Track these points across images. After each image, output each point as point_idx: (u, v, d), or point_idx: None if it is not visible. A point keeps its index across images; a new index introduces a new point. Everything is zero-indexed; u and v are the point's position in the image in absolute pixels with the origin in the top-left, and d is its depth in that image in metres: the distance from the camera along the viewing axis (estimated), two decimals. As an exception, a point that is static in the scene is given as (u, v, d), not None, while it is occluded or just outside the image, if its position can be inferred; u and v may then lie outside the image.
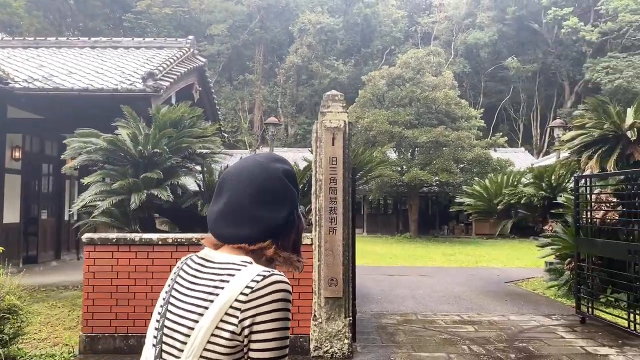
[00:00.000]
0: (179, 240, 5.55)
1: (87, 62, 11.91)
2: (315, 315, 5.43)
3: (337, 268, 5.37)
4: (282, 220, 1.19)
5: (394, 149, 23.45)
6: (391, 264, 15.04)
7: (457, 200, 11.71)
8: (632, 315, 6.16)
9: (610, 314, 7.01)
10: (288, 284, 1.13)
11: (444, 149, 21.91)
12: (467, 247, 20.55)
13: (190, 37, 13.95)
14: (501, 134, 27.18)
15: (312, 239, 5.57)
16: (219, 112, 16.14)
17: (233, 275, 1.09)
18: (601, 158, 9.16)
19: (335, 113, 5.51)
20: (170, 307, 1.14)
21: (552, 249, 9.11)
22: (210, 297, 1.09)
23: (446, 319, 7.30)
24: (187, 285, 1.15)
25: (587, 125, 9.44)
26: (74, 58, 12.20)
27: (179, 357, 1.08)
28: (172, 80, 10.89)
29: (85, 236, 5.73)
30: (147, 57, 12.35)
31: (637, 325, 6.05)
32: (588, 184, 7.22)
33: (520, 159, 25.56)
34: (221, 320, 1.06)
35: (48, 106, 10.51)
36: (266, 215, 1.17)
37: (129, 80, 10.58)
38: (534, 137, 41.11)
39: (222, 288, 1.08)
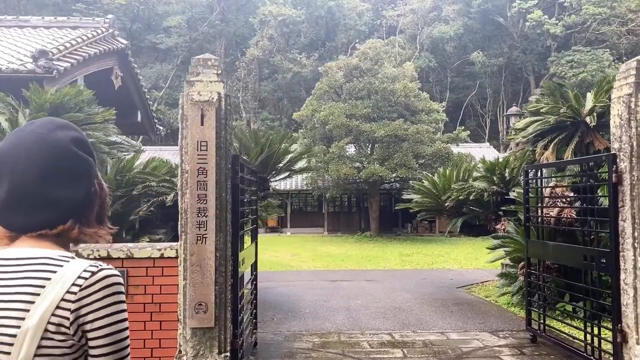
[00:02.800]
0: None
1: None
2: (180, 351, 4.10)
3: (207, 289, 4.05)
4: (82, 197, 1.10)
5: (354, 144, 22.27)
6: (340, 266, 13.82)
7: (405, 196, 10.55)
8: (588, 335, 5.02)
9: (567, 325, 5.90)
10: (119, 276, 1.07)
11: (403, 143, 20.82)
12: (427, 246, 19.51)
13: (110, 16, 12.40)
14: (463, 128, 26.28)
15: (177, 250, 4.24)
16: (150, 101, 14.60)
17: (54, 272, 1.02)
18: (558, 147, 8.08)
19: (206, 83, 4.19)
20: None
21: (504, 251, 7.99)
22: (29, 299, 0.99)
23: (373, 340, 6.06)
24: None
25: (542, 111, 8.35)
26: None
27: None
28: (74, 61, 9.40)
29: None
30: (54, 37, 10.79)
31: (594, 348, 4.92)
32: (540, 175, 6.08)
33: (485, 155, 24.71)
34: (49, 323, 0.98)
35: None
36: (63, 195, 1.07)
37: (21, 60, 9.06)
38: (500, 133, 40.61)
39: (43, 287, 1.00)
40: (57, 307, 0.98)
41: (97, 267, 1.04)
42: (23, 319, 0.97)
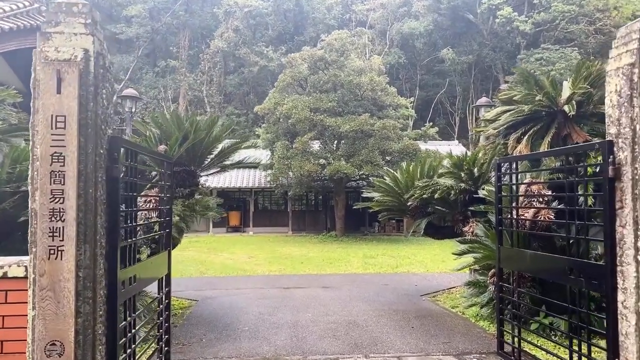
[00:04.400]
0: None
1: None
2: (26, 410, 2.92)
3: (64, 322, 2.89)
4: None
5: (318, 139, 21.19)
6: (298, 271, 12.72)
7: (365, 194, 9.53)
8: (574, 353, 4.07)
9: (543, 348, 4.96)
10: None
11: (369, 139, 19.87)
12: (393, 247, 18.60)
13: (37, -11, 10.97)
14: (431, 124, 25.54)
15: (26, 266, 3.07)
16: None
17: None
18: (532, 140, 7.20)
19: (68, 35, 3.01)
20: None
21: (473, 257, 7.03)
22: None
23: (315, 370, 4.99)
24: None
25: (515, 99, 7.43)
26: None
27: None
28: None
29: None
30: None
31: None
32: (514, 170, 5.11)
33: (454, 152, 24.02)
34: None
35: None
36: None
37: None
38: (470, 131, 40.20)
39: None
40: None
41: None
42: None
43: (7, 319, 3.02)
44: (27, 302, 2.95)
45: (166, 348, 4.63)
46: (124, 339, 3.39)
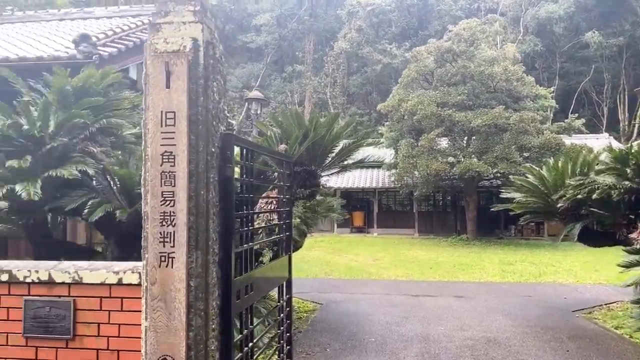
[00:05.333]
0: None
1: (39, 34, 9.94)
2: None
3: (175, 336, 2.66)
4: None
5: (446, 136, 20.03)
6: (426, 276, 11.96)
7: (504, 195, 8.52)
8: None
9: None
10: None
11: (504, 134, 18.27)
12: (534, 253, 16.85)
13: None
14: (576, 115, 22.86)
15: (140, 273, 2.91)
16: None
17: None
18: None
19: (177, 25, 2.79)
20: None
21: (644, 270, 5.81)
22: None
23: (452, 397, 4.34)
24: None
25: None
26: (28, 31, 10.28)
27: None
28: (122, 47, 8.60)
29: None
30: (112, 26, 10.18)
31: None
32: None
33: (613, 146, 21.19)
34: None
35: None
36: None
37: (68, 48, 8.44)
38: (621, 123, 35.59)
39: None
40: None
41: None
42: None
43: (123, 328, 2.89)
44: (141, 311, 2.78)
45: (287, 360, 4.33)
46: (239, 355, 3.10)
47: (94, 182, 5.90)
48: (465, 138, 20.08)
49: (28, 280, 2.95)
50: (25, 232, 5.91)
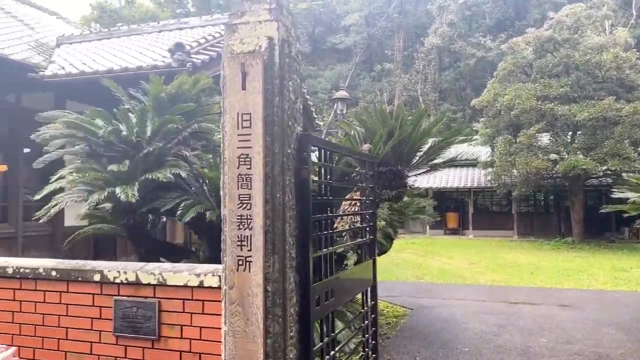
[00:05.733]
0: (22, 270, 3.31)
1: (140, 45, 10.63)
2: None
3: (252, 343, 2.60)
4: None
5: (547, 131, 18.63)
6: (527, 282, 11.16)
7: (617, 195, 7.66)
8: None
9: None
10: None
11: (616, 127, 16.62)
12: (652, 258, 15.16)
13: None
14: None
15: (220, 276, 2.89)
16: (308, 99, 13.84)
17: None
18: None
19: (252, 25, 2.74)
20: None
21: None
22: None
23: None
24: None
25: None
26: (131, 43, 11.04)
27: None
28: (214, 54, 8.91)
29: None
30: (205, 34, 10.63)
31: None
32: None
33: None
34: None
35: (80, 93, 9.40)
36: None
37: (165, 57, 8.91)
38: None
39: None
40: None
41: None
42: None
43: (204, 331, 2.89)
44: (221, 315, 2.76)
45: (373, 368, 4.15)
46: (320, 363, 2.99)
47: (187, 184, 6.12)
48: (570, 133, 18.57)
49: (117, 280, 3.06)
50: (127, 232, 6.26)
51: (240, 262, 2.63)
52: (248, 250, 2.62)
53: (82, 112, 6.07)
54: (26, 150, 9.25)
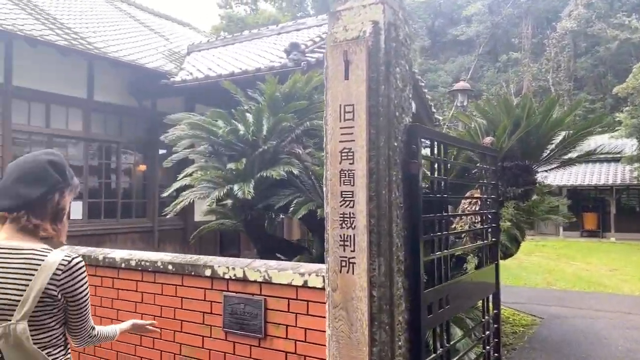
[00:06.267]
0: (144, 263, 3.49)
1: (260, 48, 11.03)
2: None
3: (357, 351, 2.43)
4: (40, 195, 1.70)
5: None
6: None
7: None
8: None
9: None
10: (81, 261, 1.75)
11: None
12: None
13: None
14: None
15: (323, 277, 2.76)
16: (427, 92, 13.32)
17: (41, 261, 1.67)
18: None
19: (356, 10, 2.56)
20: None
21: None
22: (27, 277, 1.64)
23: None
24: None
25: None
26: (251, 47, 11.50)
27: (10, 317, 1.62)
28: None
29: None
30: (320, 33, 10.71)
31: None
32: None
33: None
34: (44, 293, 1.64)
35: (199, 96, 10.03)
36: (23, 192, 1.69)
37: (283, 57, 9.12)
38: None
39: (36, 270, 1.65)
40: (48, 284, 1.65)
41: (70, 258, 1.71)
42: (24, 291, 1.63)
43: (309, 333, 2.79)
44: (325, 317, 2.63)
45: (495, 385, 3.75)
46: (432, 377, 2.73)
47: (300, 181, 6.15)
48: None
49: (226, 276, 3.08)
50: (245, 227, 6.46)
51: (344, 264, 2.47)
52: (351, 251, 2.45)
53: (205, 114, 6.40)
54: (161, 151, 10.09)
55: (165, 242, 10.36)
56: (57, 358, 1.73)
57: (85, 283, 1.74)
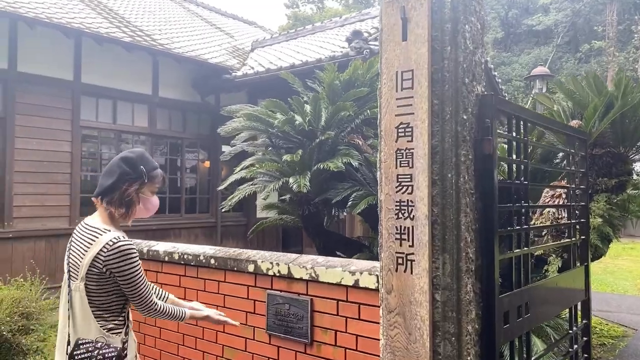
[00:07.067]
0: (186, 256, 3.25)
1: (322, 40, 10.74)
2: None
3: (416, 364, 2.02)
4: (109, 185, 2.12)
5: None
6: None
7: None
8: None
9: None
10: (127, 244, 2.04)
11: None
12: None
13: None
14: None
15: (377, 276, 2.37)
16: (499, 83, 12.44)
17: (97, 237, 2.05)
18: None
19: (415, -41, 2.14)
20: (71, 251, 2.12)
21: None
22: (86, 248, 2.05)
23: None
24: (75, 239, 2.13)
25: None
26: (314, 40, 11.24)
27: (76, 277, 2.06)
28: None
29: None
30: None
31: None
32: None
33: None
34: (92, 262, 2.02)
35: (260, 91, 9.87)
36: (101, 182, 2.15)
37: (345, 47, 8.77)
38: None
39: (92, 244, 2.04)
40: (95, 257, 2.02)
41: (117, 240, 2.03)
42: (84, 257, 2.04)
43: (361, 341, 2.41)
44: (379, 324, 2.24)
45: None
46: (509, 400, 2.27)
47: (359, 174, 5.77)
48: None
49: (270, 272, 2.77)
50: (303, 223, 6.18)
51: (400, 261, 2.07)
52: (409, 246, 2.04)
53: (261, 103, 6.18)
54: (224, 147, 10.07)
55: (228, 238, 10.33)
56: (108, 322, 2.06)
57: (128, 264, 2.01)
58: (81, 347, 1.99)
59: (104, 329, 2.03)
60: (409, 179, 2.05)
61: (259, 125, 5.83)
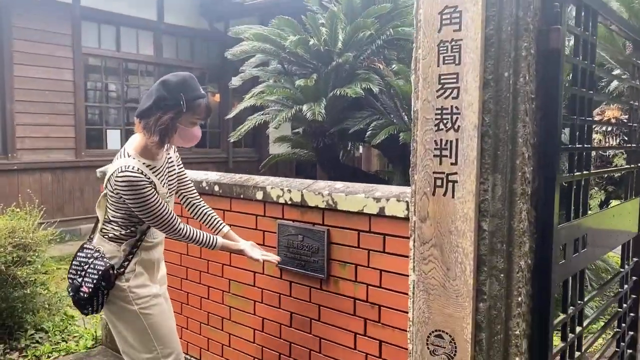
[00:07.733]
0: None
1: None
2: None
3: (455, 304, 1.68)
4: (146, 108, 2.05)
5: None
6: None
7: None
8: None
9: None
10: (134, 175, 2.00)
11: None
12: None
13: None
14: None
15: (407, 202, 1.99)
16: None
17: (117, 159, 2.09)
18: None
19: None
20: None
21: None
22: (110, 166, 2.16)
23: None
24: None
25: None
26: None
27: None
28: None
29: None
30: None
31: None
32: None
33: None
34: (106, 182, 2.11)
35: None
36: (141, 103, 2.11)
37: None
38: None
39: (113, 163, 2.09)
40: (108, 179, 2.08)
41: (124, 168, 2.01)
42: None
43: (386, 277, 2.07)
44: (408, 258, 1.89)
45: (629, 351, 2.89)
46: (561, 345, 1.94)
47: (379, 103, 5.31)
48: None
49: (281, 200, 2.41)
50: (317, 156, 5.81)
51: (439, 182, 1.68)
52: (452, 164, 1.65)
53: (271, 21, 5.65)
54: (234, 79, 9.58)
55: (239, 173, 10.07)
56: (116, 230, 2.13)
57: (134, 192, 2.00)
58: (84, 250, 2.14)
59: (105, 237, 2.14)
60: (455, 80, 1.62)
61: (269, 48, 5.34)
